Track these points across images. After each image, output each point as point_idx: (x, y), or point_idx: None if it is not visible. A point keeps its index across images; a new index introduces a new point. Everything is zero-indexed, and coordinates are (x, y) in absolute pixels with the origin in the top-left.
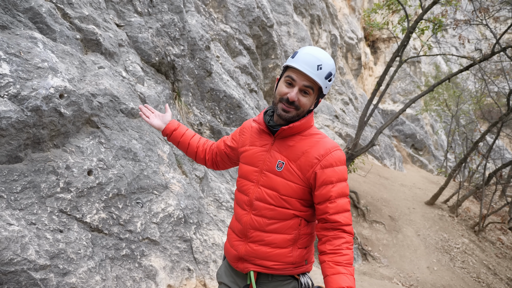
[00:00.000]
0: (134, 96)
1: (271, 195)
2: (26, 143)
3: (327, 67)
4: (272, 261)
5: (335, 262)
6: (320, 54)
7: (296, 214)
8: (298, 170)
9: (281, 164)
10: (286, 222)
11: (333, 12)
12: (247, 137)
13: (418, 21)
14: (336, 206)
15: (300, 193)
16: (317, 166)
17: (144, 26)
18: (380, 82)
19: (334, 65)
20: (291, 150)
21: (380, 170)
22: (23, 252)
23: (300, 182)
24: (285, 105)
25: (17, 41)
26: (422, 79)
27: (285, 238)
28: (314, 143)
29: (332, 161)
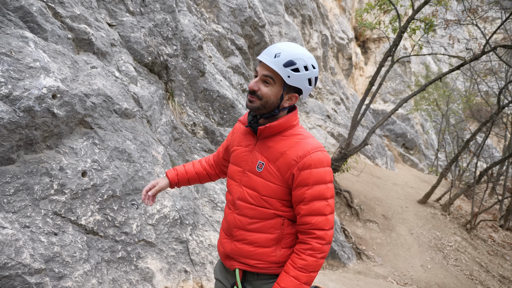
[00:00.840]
0: (127, 96)
1: (252, 195)
2: (18, 144)
3: (286, 54)
4: (255, 260)
5: (291, 263)
6: (284, 44)
7: (277, 214)
8: (277, 171)
9: (261, 164)
10: (268, 221)
11: (324, 12)
12: (236, 137)
13: (410, 20)
14: (309, 208)
15: (280, 193)
16: (294, 168)
17: (136, 25)
18: (373, 82)
19: (303, 56)
20: (270, 151)
21: (373, 170)
22: (17, 256)
23: (279, 183)
24: (249, 96)
25: (8, 41)
26: (412, 78)
27: (267, 237)
28: (293, 144)
29: (310, 163)
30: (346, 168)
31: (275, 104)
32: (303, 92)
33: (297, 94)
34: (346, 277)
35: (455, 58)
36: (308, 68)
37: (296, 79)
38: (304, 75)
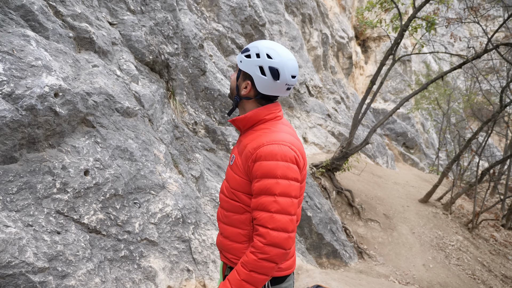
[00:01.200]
0: (129, 95)
1: (226, 187)
2: (21, 143)
3: (249, 44)
4: (231, 254)
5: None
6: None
7: (246, 209)
8: (241, 164)
9: (232, 158)
10: (239, 216)
11: (324, 11)
12: None
13: (411, 19)
14: (256, 202)
15: (244, 186)
16: (250, 160)
17: (137, 24)
18: (374, 80)
19: (259, 44)
20: (241, 144)
21: (373, 169)
22: (21, 254)
23: (243, 176)
24: None
25: (10, 39)
26: (413, 77)
27: (239, 232)
28: (256, 137)
29: (261, 155)
30: (347, 167)
31: (234, 90)
32: (255, 81)
33: (250, 82)
34: (348, 276)
35: (456, 57)
36: (260, 56)
37: (246, 65)
38: (254, 61)
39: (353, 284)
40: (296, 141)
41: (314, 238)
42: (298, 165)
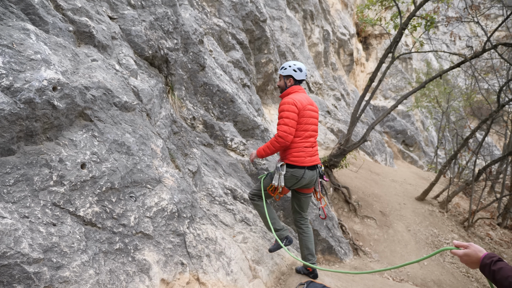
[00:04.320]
0: (127, 89)
1: None
2: (19, 136)
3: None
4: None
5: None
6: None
7: None
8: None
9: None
10: None
11: (326, 8)
12: None
13: (410, 17)
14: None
15: None
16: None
17: (137, 19)
18: (373, 78)
19: (286, 64)
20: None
21: (372, 166)
22: (16, 245)
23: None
24: None
25: (10, 33)
26: (413, 75)
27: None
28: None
29: (282, 102)
30: (344, 164)
31: (283, 86)
32: (294, 76)
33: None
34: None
35: (456, 55)
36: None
37: (287, 71)
38: (289, 69)
39: (346, 280)
40: (300, 97)
41: None
42: (296, 106)
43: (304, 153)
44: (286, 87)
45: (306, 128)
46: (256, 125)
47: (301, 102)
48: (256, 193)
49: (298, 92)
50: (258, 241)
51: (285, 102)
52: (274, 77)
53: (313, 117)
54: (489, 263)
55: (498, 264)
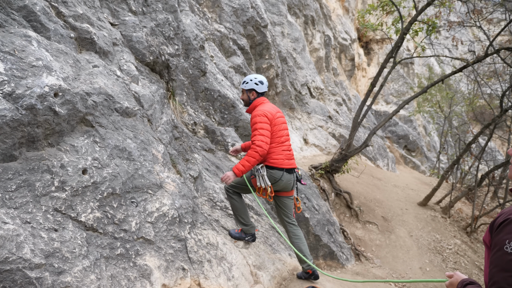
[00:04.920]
0: (128, 95)
1: None
2: (20, 142)
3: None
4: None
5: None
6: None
7: None
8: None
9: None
10: None
11: (327, 13)
12: None
13: (412, 22)
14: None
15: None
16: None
17: (138, 25)
18: (374, 83)
19: (247, 77)
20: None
21: (373, 171)
22: (18, 250)
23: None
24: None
25: (12, 40)
26: (415, 80)
27: None
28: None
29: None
30: (346, 169)
31: (247, 100)
32: (256, 89)
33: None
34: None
35: (458, 60)
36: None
37: (243, 86)
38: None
39: (348, 286)
40: (268, 107)
41: (311, 240)
42: (267, 116)
43: (282, 156)
44: (250, 100)
45: (280, 135)
46: None
47: (270, 112)
48: (233, 187)
49: (264, 103)
50: (260, 246)
51: (256, 114)
52: (276, 82)
53: (283, 123)
54: (460, 287)
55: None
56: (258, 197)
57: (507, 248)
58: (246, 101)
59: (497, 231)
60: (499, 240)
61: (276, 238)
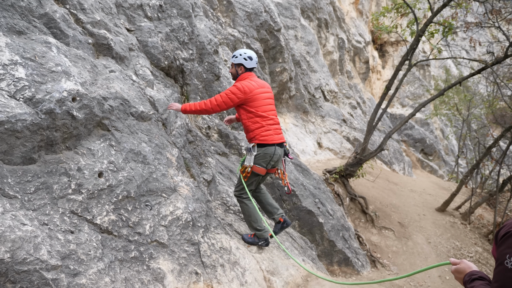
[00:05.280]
0: (144, 99)
1: None
2: (40, 145)
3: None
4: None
5: None
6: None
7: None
8: None
9: None
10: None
11: (341, 16)
12: None
13: (427, 24)
14: None
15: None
16: None
17: (153, 30)
18: (389, 86)
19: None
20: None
21: (389, 175)
22: (35, 252)
23: None
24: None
25: (33, 46)
26: (432, 82)
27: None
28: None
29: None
30: (361, 173)
31: (235, 74)
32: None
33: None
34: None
35: (476, 62)
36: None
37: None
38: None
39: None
40: (249, 83)
41: (326, 245)
42: (241, 90)
43: (271, 131)
44: (237, 74)
45: (263, 110)
46: None
47: (248, 87)
48: (241, 189)
49: (248, 78)
50: (273, 251)
51: (234, 85)
52: (289, 86)
53: (267, 98)
54: (468, 280)
55: (473, 283)
56: None
57: (507, 264)
58: (234, 75)
59: (499, 244)
60: (500, 253)
61: (290, 243)
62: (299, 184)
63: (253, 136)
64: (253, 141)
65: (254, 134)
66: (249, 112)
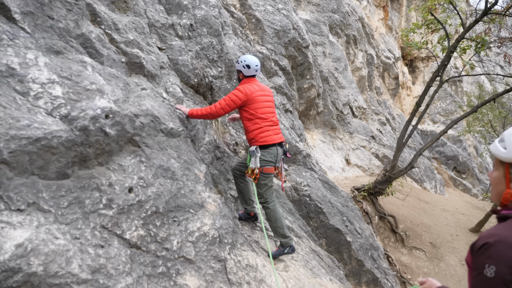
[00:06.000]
0: (173, 116)
1: None
2: (73, 161)
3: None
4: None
5: None
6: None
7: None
8: None
9: None
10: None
11: (369, 32)
12: None
13: (459, 40)
14: None
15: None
16: None
17: (184, 49)
18: (420, 102)
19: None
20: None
21: (420, 194)
22: (67, 265)
23: None
24: None
25: (69, 65)
26: (464, 98)
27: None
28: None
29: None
30: (390, 191)
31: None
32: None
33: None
34: None
35: None
36: (239, 62)
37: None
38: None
39: None
40: (250, 87)
41: (354, 265)
42: (242, 93)
43: (270, 132)
44: (240, 79)
45: (262, 112)
46: (298, 151)
47: (250, 90)
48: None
49: (249, 83)
50: (300, 270)
51: (237, 88)
52: (317, 102)
53: (267, 101)
54: None
55: None
56: (297, 220)
57: (486, 273)
58: (238, 78)
59: (477, 254)
60: (479, 264)
61: (317, 262)
62: (327, 202)
63: (253, 137)
64: (253, 142)
65: (253, 135)
66: (249, 113)
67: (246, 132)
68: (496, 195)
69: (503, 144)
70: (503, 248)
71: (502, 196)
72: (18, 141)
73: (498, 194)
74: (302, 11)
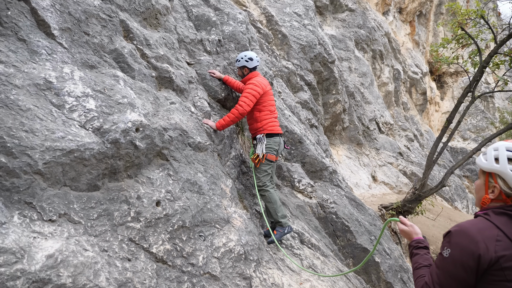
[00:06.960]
0: (201, 130)
1: None
2: (104, 173)
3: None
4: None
5: None
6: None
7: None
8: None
9: None
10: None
11: (396, 47)
12: None
13: (492, 55)
14: None
15: None
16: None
17: (212, 64)
18: (451, 118)
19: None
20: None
21: (451, 213)
22: (95, 278)
23: None
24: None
25: (103, 79)
26: (496, 115)
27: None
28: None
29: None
30: (420, 211)
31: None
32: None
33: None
34: None
35: None
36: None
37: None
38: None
39: None
40: (262, 80)
41: (382, 287)
42: (261, 87)
43: (276, 123)
44: (244, 75)
45: (271, 104)
46: (324, 167)
47: (264, 84)
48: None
49: (258, 76)
50: None
51: (252, 82)
52: (343, 117)
53: (272, 95)
54: (415, 246)
55: (418, 250)
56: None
57: (443, 253)
58: (241, 76)
59: (443, 239)
60: (442, 246)
61: (344, 283)
62: (354, 220)
63: (261, 126)
64: (260, 131)
65: (262, 124)
66: (262, 105)
67: (255, 122)
68: (478, 200)
69: (485, 156)
70: (459, 235)
71: (481, 200)
72: (52, 152)
73: (479, 199)
74: (328, 27)
